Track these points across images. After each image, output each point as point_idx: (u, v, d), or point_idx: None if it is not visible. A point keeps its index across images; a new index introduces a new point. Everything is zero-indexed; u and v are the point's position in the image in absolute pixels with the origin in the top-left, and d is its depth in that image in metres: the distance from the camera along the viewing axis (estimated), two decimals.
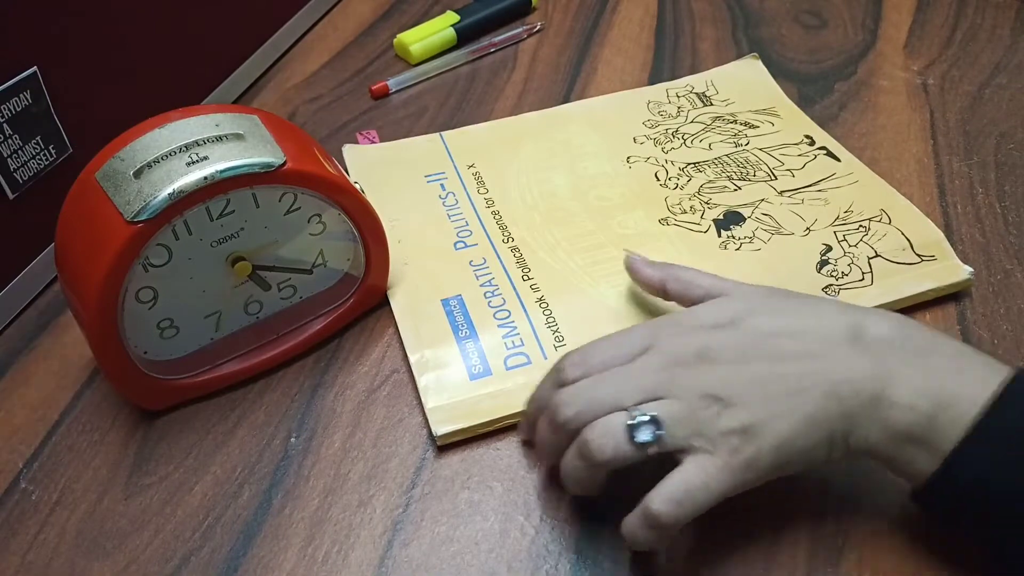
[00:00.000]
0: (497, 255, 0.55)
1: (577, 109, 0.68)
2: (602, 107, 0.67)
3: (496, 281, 0.53)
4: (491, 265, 0.54)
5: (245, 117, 0.45)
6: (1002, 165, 0.62)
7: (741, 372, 0.38)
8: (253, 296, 0.49)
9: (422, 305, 0.52)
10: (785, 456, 0.37)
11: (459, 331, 0.50)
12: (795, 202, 0.57)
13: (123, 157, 0.42)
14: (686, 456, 0.37)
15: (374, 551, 0.42)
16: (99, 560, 0.42)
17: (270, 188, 0.44)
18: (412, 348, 0.50)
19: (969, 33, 0.76)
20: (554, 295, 0.52)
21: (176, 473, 0.46)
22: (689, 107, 0.67)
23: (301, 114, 0.69)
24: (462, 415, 0.46)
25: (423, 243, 0.56)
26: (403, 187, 0.61)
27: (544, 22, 0.79)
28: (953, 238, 0.56)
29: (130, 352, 0.45)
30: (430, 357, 0.49)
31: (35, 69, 0.50)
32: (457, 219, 0.58)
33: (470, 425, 0.46)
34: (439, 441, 0.46)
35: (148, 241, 0.41)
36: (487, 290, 0.53)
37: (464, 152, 0.64)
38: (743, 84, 0.69)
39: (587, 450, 0.38)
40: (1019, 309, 0.52)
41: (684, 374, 0.38)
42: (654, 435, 0.37)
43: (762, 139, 0.63)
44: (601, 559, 0.42)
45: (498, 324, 0.51)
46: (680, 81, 0.70)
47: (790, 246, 0.54)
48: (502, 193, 0.60)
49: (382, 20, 0.80)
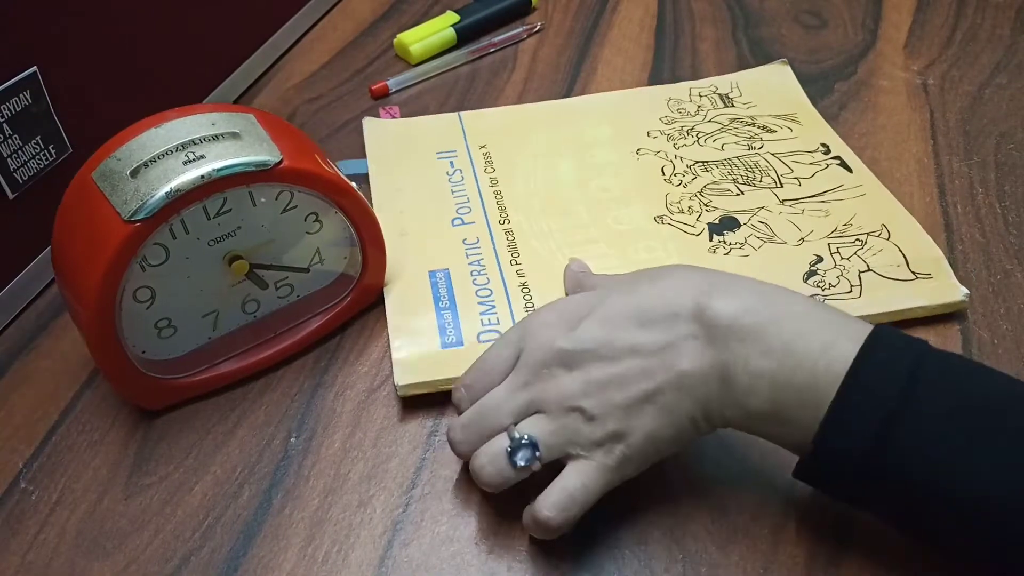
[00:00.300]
0: (491, 236, 0.56)
1: (596, 101, 0.68)
2: (621, 100, 0.68)
3: (484, 261, 0.54)
4: (483, 245, 0.55)
5: (241, 116, 0.45)
6: (1002, 165, 0.62)
7: (597, 378, 0.39)
8: (250, 295, 0.49)
9: (410, 273, 0.54)
10: (654, 447, 0.40)
11: (440, 302, 0.52)
12: (795, 211, 0.57)
13: (120, 157, 0.42)
14: (566, 462, 0.40)
15: (374, 551, 0.42)
16: (99, 560, 0.42)
17: (267, 187, 0.44)
18: (392, 311, 0.52)
19: (969, 33, 0.76)
20: (537, 283, 0.53)
21: (176, 473, 0.46)
22: (710, 107, 0.66)
23: (301, 114, 0.69)
24: (426, 370, 0.48)
25: (423, 216, 0.58)
26: (414, 161, 0.62)
27: (544, 22, 0.79)
28: (953, 238, 0.56)
29: (128, 352, 0.45)
30: (408, 322, 0.51)
31: (35, 69, 0.50)
32: (460, 196, 0.59)
33: (432, 380, 0.47)
34: (400, 392, 0.47)
35: (145, 240, 0.41)
36: (474, 268, 0.54)
37: (479, 133, 0.65)
38: (768, 88, 0.69)
39: (478, 479, 0.41)
40: (1019, 309, 0.52)
41: (549, 387, 0.40)
42: (531, 458, 0.40)
43: (777, 144, 0.62)
44: (601, 559, 0.42)
45: (478, 301, 0.52)
46: (704, 81, 0.70)
47: (780, 254, 0.54)
48: (508, 175, 0.61)
49: (382, 20, 0.80)
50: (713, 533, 0.42)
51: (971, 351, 0.50)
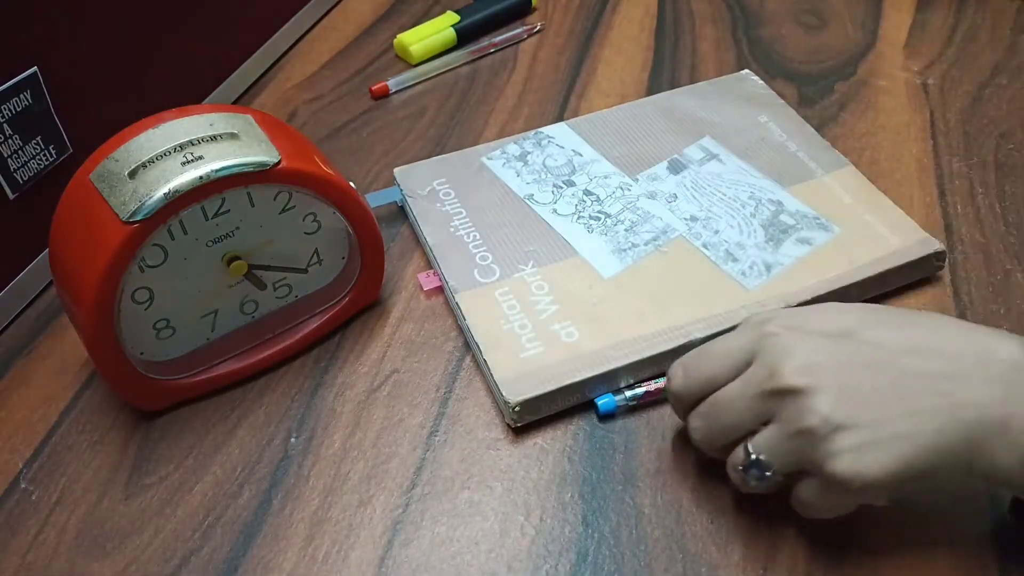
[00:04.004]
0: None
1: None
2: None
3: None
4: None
5: (239, 117, 0.45)
6: (1002, 165, 0.62)
7: (855, 390, 0.36)
8: (249, 295, 0.49)
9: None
10: (899, 476, 0.36)
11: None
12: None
13: (117, 158, 0.42)
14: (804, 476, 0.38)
15: (374, 551, 0.42)
16: (99, 560, 0.42)
17: (265, 187, 0.44)
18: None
19: (969, 33, 0.76)
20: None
21: (176, 473, 0.46)
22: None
23: (301, 114, 0.69)
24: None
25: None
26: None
27: (544, 22, 0.79)
28: (953, 238, 0.56)
29: (127, 353, 0.45)
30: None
31: (35, 69, 0.50)
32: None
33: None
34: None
35: (144, 241, 0.41)
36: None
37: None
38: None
39: (734, 482, 0.41)
40: (1019, 309, 0.52)
41: (786, 397, 0.37)
42: (762, 478, 0.39)
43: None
44: (602, 559, 0.42)
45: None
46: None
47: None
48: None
49: (382, 20, 0.80)
50: (713, 533, 0.42)
51: None
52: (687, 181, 0.59)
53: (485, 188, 0.59)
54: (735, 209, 0.56)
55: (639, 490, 0.44)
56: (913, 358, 0.37)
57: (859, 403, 0.36)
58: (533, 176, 0.60)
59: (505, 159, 0.61)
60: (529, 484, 0.45)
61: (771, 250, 0.53)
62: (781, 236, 0.54)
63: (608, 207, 0.57)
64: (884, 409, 0.36)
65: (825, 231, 0.54)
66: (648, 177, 0.59)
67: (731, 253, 0.53)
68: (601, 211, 0.57)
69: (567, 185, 0.59)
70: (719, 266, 0.52)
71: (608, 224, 0.56)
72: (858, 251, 0.53)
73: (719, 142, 0.61)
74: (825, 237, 0.54)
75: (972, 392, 0.36)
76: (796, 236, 0.54)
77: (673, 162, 0.60)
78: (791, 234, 0.54)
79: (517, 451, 0.46)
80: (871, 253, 0.52)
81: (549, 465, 0.45)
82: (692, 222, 0.56)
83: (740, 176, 0.59)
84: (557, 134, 0.63)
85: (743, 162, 0.60)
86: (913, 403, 0.36)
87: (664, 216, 0.56)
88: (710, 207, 0.57)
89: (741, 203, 0.57)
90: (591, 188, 0.59)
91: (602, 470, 0.45)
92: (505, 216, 0.57)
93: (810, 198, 0.57)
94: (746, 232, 0.55)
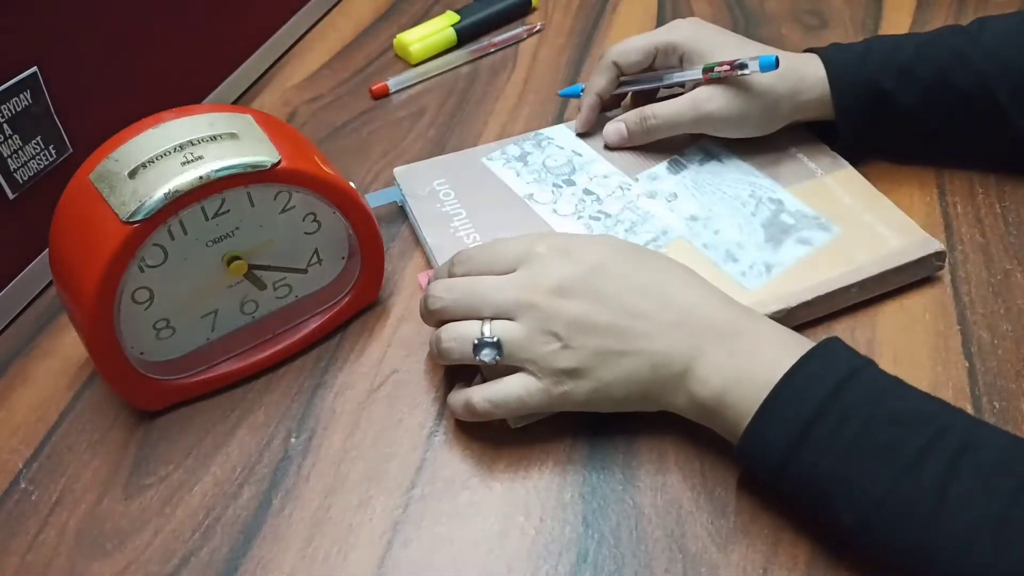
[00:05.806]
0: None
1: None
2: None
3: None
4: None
5: (239, 117, 0.45)
6: (1002, 165, 0.62)
7: (588, 318, 0.43)
8: (249, 295, 0.49)
9: None
10: (597, 399, 0.44)
11: None
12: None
13: (117, 158, 0.42)
14: (517, 370, 0.44)
15: (374, 551, 0.42)
16: (99, 560, 0.42)
17: (265, 187, 0.44)
18: None
19: None
20: None
21: (176, 473, 0.46)
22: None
23: (301, 114, 0.69)
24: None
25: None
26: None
27: (544, 22, 0.79)
28: (953, 238, 0.56)
29: (127, 353, 0.45)
30: None
31: (35, 69, 0.50)
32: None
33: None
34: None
35: (144, 241, 0.41)
36: None
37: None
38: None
39: (438, 347, 0.45)
40: (1019, 309, 0.52)
41: (538, 305, 0.43)
42: (493, 357, 0.43)
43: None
44: (602, 559, 0.42)
45: None
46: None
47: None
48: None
49: (382, 20, 0.80)
50: (713, 533, 0.42)
51: (971, 351, 0.50)
52: (687, 181, 0.59)
53: (485, 188, 0.59)
54: (735, 208, 0.56)
55: (639, 490, 0.44)
56: (636, 297, 0.44)
57: (588, 329, 0.43)
58: (533, 176, 0.60)
59: (505, 159, 0.61)
60: (529, 484, 0.45)
61: (771, 250, 0.53)
62: (781, 236, 0.54)
63: (608, 207, 0.57)
64: (602, 340, 0.43)
65: (825, 231, 0.54)
66: (648, 177, 0.59)
67: (731, 253, 0.53)
68: (601, 211, 0.57)
69: (567, 184, 0.59)
70: (719, 266, 0.52)
71: (608, 224, 0.56)
72: (858, 251, 0.53)
73: (719, 142, 0.61)
74: (825, 237, 0.54)
75: (666, 344, 0.43)
76: (796, 236, 0.54)
77: (673, 162, 0.60)
78: (791, 234, 0.54)
79: (517, 451, 0.46)
80: (871, 253, 0.52)
81: (549, 465, 0.45)
82: (692, 222, 0.56)
83: (740, 175, 0.59)
84: (557, 135, 0.63)
85: (743, 162, 0.60)
86: (624, 342, 0.43)
87: (664, 216, 0.56)
88: (710, 206, 0.57)
89: (741, 202, 0.57)
90: (591, 187, 0.59)
91: (602, 470, 0.45)
92: (505, 216, 0.57)
93: (810, 198, 0.57)
94: (746, 232, 0.55)
